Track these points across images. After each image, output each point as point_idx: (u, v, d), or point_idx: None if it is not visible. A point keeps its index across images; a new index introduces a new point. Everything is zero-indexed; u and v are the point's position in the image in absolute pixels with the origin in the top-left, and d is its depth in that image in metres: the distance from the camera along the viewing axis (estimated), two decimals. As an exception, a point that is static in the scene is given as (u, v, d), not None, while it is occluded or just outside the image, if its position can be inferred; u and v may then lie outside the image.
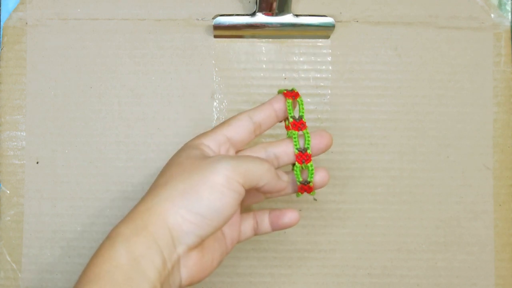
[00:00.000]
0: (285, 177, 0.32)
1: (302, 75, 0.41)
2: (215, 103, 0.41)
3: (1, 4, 0.41)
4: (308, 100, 0.41)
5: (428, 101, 0.41)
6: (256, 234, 0.34)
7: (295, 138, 0.32)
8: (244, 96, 0.41)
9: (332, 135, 0.40)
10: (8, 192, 0.40)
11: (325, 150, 0.33)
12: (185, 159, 0.30)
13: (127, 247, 0.27)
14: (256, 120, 0.32)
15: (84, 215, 0.40)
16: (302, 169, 0.32)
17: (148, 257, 0.27)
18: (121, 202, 0.40)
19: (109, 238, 0.28)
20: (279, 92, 0.33)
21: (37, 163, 0.40)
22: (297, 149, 0.32)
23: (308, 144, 0.32)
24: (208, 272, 0.30)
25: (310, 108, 0.41)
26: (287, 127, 0.33)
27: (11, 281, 0.39)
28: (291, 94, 0.33)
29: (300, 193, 0.33)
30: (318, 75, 0.41)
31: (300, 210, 0.40)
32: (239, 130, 0.32)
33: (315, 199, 0.40)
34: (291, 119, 0.32)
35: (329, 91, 0.41)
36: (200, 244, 0.29)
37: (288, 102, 0.32)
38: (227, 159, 0.29)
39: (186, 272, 0.29)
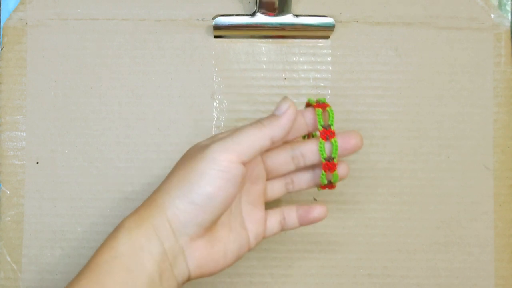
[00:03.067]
0: (285, 107, 0.30)
1: (302, 75, 0.41)
2: (215, 103, 0.41)
3: (1, 4, 0.41)
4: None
5: (428, 102, 0.41)
6: (283, 229, 0.34)
7: (321, 145, 0.31)
8: (244, 96, 0.41)
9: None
10: (8, 192, 0.40)
11: (353, 151, 0.32)
12: (187, 154, 0.31)
13: (128, 239, 0.27)
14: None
15: (84, 215, 0.40)
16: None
17: (147, 249, 0.27)
18: (121, 202, 0.40)
19: (115, 229, 0.29)
20: (309, 101, 0.33)
21: (37, 163, 0.40)
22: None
23: (336, 150, 0.31)
24: (221, 264, 0.30)
25: (310, 108, 0.41)
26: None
27: (11, 281, 0.39)
28: (320, 106, 0.32)
29: (322, 179, 0.32)
30: (318, 75, 0.41)
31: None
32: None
33: (315, 199, 0.40)
34: (320, 128, 0.31)
35: (329, 91, 0.41)
36: (203, 233, 0.29)
37: (318, 112, 0.31)
38: (216, 142, 0.28)
39: (193, 263, 0.29)
